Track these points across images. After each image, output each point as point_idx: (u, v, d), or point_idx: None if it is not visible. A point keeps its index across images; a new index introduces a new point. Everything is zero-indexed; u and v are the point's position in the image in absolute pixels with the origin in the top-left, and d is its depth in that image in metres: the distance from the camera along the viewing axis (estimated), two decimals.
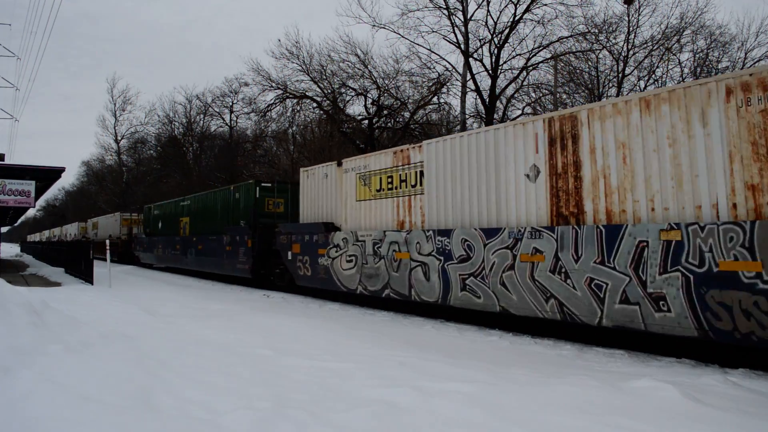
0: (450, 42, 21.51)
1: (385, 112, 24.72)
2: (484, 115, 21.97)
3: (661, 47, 21.32)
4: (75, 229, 47.28)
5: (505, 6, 20.64)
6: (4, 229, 61.65)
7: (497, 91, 21.62)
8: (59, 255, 24.51)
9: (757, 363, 6.20)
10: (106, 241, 17.29)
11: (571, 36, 20.68)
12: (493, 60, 21.33)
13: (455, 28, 21.16)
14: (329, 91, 24.45)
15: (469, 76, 20.91)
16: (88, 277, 15.82)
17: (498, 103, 22.30)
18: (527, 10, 19.97)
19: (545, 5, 19.97)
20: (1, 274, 17.60)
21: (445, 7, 20.98)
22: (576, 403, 4.12)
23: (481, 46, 21.64)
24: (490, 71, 21.40)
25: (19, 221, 59.14)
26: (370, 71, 23.86)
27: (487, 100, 21.45)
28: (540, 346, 7.42)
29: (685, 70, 22.13)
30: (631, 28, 21.24)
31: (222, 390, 4.40)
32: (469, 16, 20.99)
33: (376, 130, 25.36)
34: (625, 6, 20.55)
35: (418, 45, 25.06)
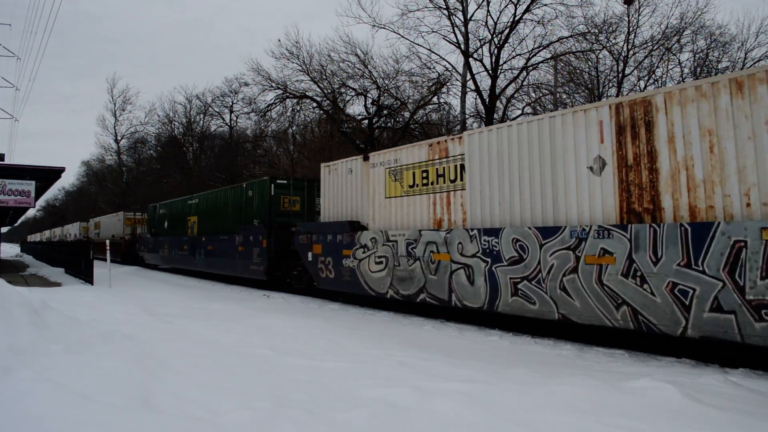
0: (450, 42, 21.53)
1: (385, 112, 24.73)
2: (484, 115, 21.97)
3: (661, 47, 21.33)
4: (76, 229, 46.53)
5: (505, 6, 20.69)
6: (4, 230, 61.70)
7: (497, 91, 21.62)
8: (59, 255, 24.52)
9: (757, 363, 6.20)
10: (106, 242, 17.29)
11: (571, 36, 20.69)
12: (493, 60, 21.35)
13: (455, 28, 21.18)
14: (329, 91, 24.46)
15: (469, 76, 20.92)
16: (88, 277, 15.84)
17: (498, 103, 22.31)
18: (527, 10, 19.98)
19: (545, 5, 19.99)
20: (1, 274, 17.60)
21: (445, 7, 21.00)
22: (576, 403, 4.12)
23: (481, 46, 21.66)
24: (490, 71, 21.41)
25: (19, 221, 59.16)
26: (370, 71, 23.88)
27: (487, 100, 21.45)
28: (540, 346, 7.42)
29: (685, 70, 22.16)
30: (631, 28, 21.26)
31: (222, 390, 4.40)
32: (469, 16, 21.00)
33: (376, 130, 25.36)
34: (625, 6, 20.56)
35: (418, 45, 25.15)
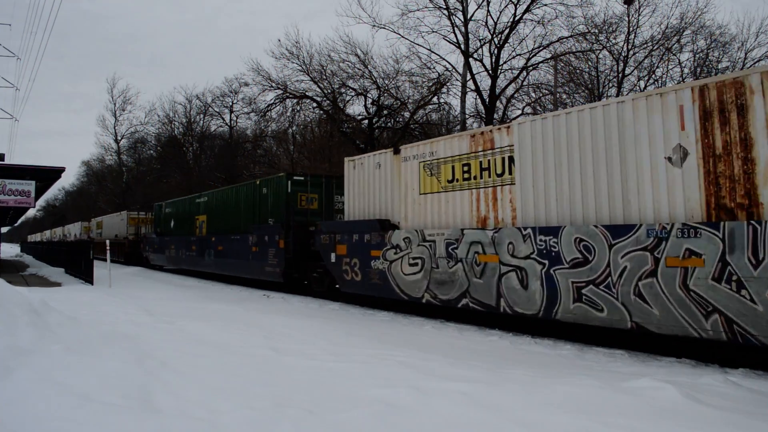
0: (450, 42, 21.52)
1: (385, 112, 24.71)
2: (484, 115, 21.98)
3: (661, 47, 21.32)
4: (78, 229, 45.63)
5: (505, 6, 20.65)
6: (4, 230, 61.71)
7: (497, 91, 21.61)
8: (59, 255, 24.54)
9: (757, 363, 6.20)
10: (106, 242, 17.30)
11: (571, 36, 20.68)
12: (493, 60, 21.34)
13: (455, 28, 21.17)
14: (329, 91, 24.45)
15: (469, 76, 20.91)
16: (88, 277, 15.84)
17: (498, 103, 22.31)
18: (527, 11, 19.98)
19: (545, 5, 19.98)
20: (1, 274, 17.60)
21: (445, 7, 20.99)
22: (576, 403, 4.13)
23: (481, 46, 21.66)
24: (490, 71, 21.40)
25: (19, 221, 59.18)
26: (370, 71, 23.86)
27: (487, 100, 21.45)
28: (540, 346, 7.42)
29: (685, 70, 22.16)
30: (631, 28, 21.25)
31: (222, 390, 4.40)
32: (469, 17, 20.99)
33: (376, 130, 25.37)
34: (625, 6, 20.56)
35: (418, 45, 25.10)
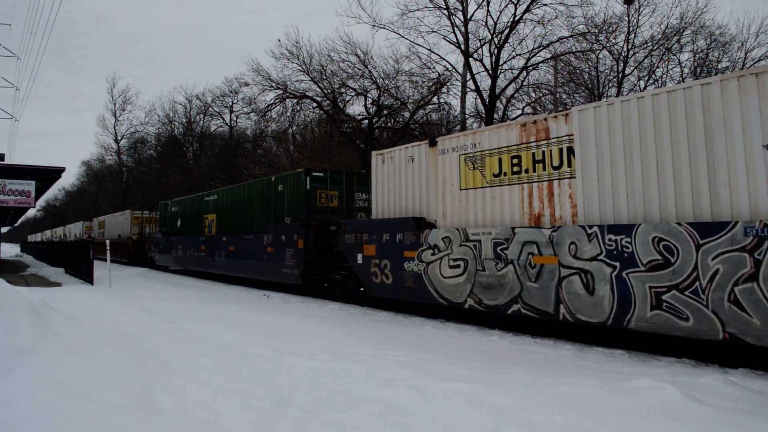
0: (450, 42, 21.53)
1: (385, 112, 24.72)
2: (484, 115, 21.98)
3: (661, 47, 21.33)
4: (79, 229, 44.95)
5: (505, 6, 20.66)
6: (5, 230, 61.71)
7: (497, 91, 21.62)
8: (59, 255, 24.54)
9: (757, 363, 6.20)
10: (106, 242, 17.32)
11: (571, 36, 20.69)
12: (493, 60, 21.35)
13: (455, 28, 21.18)
14: (329, 91, 24.46)
15: (469, 76, 20.92)
16: (88, 277, 15.85)
17: (498, 103, 22.31)
18: (527, 10, 19.98)
19: (545, 5, 19.99)
20: (1, 274, 17.60)
21: (445, 7, 21.00)
22: (576, 403, 4.13)
23: (481, 46, 21.66)
24: (490, 71, 21.41)
25: (19, 221, 59.19)
26: (370, 71, 23.87)
27: (487, 100, 21.45)
28: (540, 346, 7.42)
29: (685, 70, 22.16)
30: (631, 28, 21.25)
31: (222, 390, 4.40)
32: (469, 16, 21.00)
33: (376, 130, 25.38)
34: (625, 6, 20.56)
35: (418, 45, 25.11)
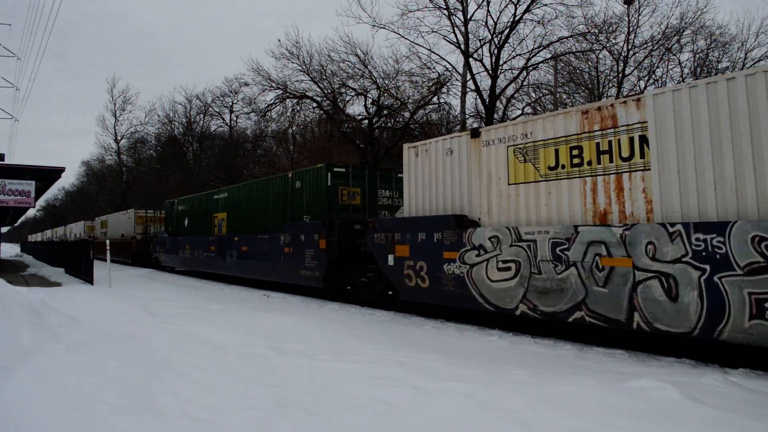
0: (450, 42, 21.51)
1: (385, 112, 24.72)
2: (484, 115, 21.98)
3: (661, 47, 21.33)
4: (80, 229, 44.15)
5: (505, 6, 20.64)
6: (4, 230, 61.70)
7: (497, 91, 21.61)
8: (59, 255, 24.54)
9: (757, 363, 6.21)
10: (106, 241, 17.32)
11: (571, 36, 20.68)
12: (493, 60, 21.34)
13: (455, 28, 21.17)
14: (329, 91, 24.46)
15: (469, 76, 20.91)
16: (88, 277, 15.84)
17: (498, 103, 22.31)
18: (527, 11, 19.97)
19: (545, 5, 19.98)
20: (1, 274, 17.60)
21: (445, 7, 20.99)
22: (576, 404, 4.13)
23: (481, 46, 21.65)
24: (490, 71, 21.40)
25: (19, 221, 59.19)
26: (370, 71, 23.86)
27: (487, 100, 21.45)
28: (540, 346, 7.42)
29: (685, 71, 22.16)
30: (631, 28, 21.25)
31: (222, 390, 4.40)
32: (469, 16, 20.99)
33: (376, 130, 25.38)
34: (625, 6, 20.57)
35: (418, 45, 25.13)
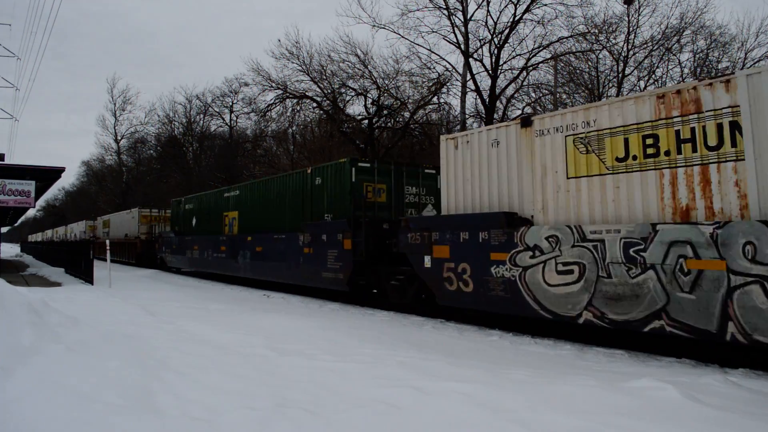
0: (450, 42, 21.55)
1: (385, 112, 24.73)
2: (484, 115, 21.98)
3: (661, 47, 21.34)
4: (82, 228, 43.18)
5: (505, 6, 20.70)
6: (4, 230, 61.69)
7: (497, 91, 21.63)
8: (59, 255, 24.54)
9: (757, 363, 6.20)
10: (106, 242, 17.32)
11: (571, 36, 20.71)
12: (493, 60, 21.36)
13: (455, 28, 21.20)
14: (329, 91, 24.47)
15: (469, 76, 20.93)
16: (88, 277, 15.84)
17: (498, 103, 22.32)
18: (527, 11, 19.99)
19: (545, 5, 20.02)
20: (1, 274, 17.59)
21: (445, 7, 21.01)
22: (576, 403, 4.12)
23: (481, 46, 21.68)
24: (490, 71, 21.41)
25: (19, 221, 59.15)
26: (370, 71, 23.89)
27: (487, 100, 21.45)
28: (540, 346, 7.42)
29: (685, 71, 22.17)
30: (631, 29, 21.27)
31: (222, 390, 4.40)
32: (469, 17, 21.01)
33: (376, 130, 25.38)
34: (625, 6, 20.58)
35: (418, 45, 25.19)
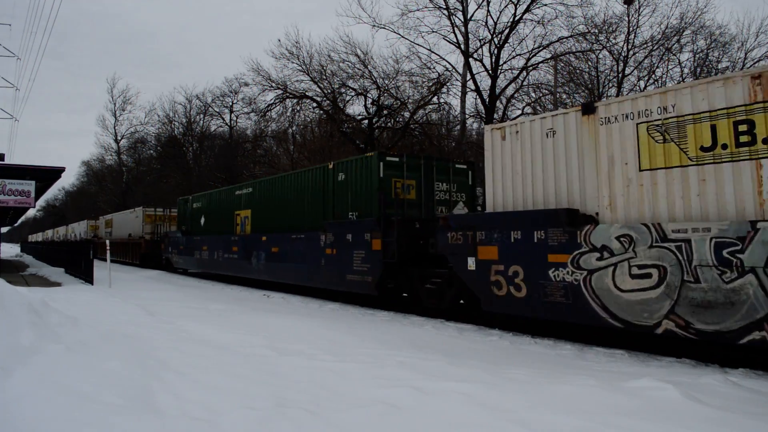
0: (450, 42, 21.56)
1: (385, 112, 24.73)
2: (484, 115, 21.98)
3: (661, 47, 21.33)
4: (83, 228, 42.55)
5: (505, 6, 20.69)
6: (4, 230, 61.71)
7: (497, 91, 21.62)
8: (59, 255, 24.54)
9: (757, 363, 6.20)
10: (106, 242, 17.33)
11: (571, 36, 20.71)
12: (493, 60, 21.36)
13: (455, 28, 21.20)
14: (329, 91, 24.47)
15: (469, 76, 20.95)
16: (88, 277, 15.84)
17: (498, 103, 22.31)
18: (527, 11, 20.00)
19: (545, 5, 20.02)
20: (1, 274, 17.59)
21: (445, 7, 21.02)
22: (576, 403, 4.12)
23: (481, 46, 21.68)
24: (490, 71, 21.41)
25: (19, 221, 59.18)
26: (370, 71, 23.88)
27: (487, 100, 21.45)
28: (540, 346, 7.42)
29: (685, 71, 22.15)
30: (631, 28, 21.24)
31: (222, 390, 4.40)
32: (469, 16, 21.03)
33: (376, 130, 25.38)
34: (625, 6, 20.57)
35: (418, 45, 25.19)
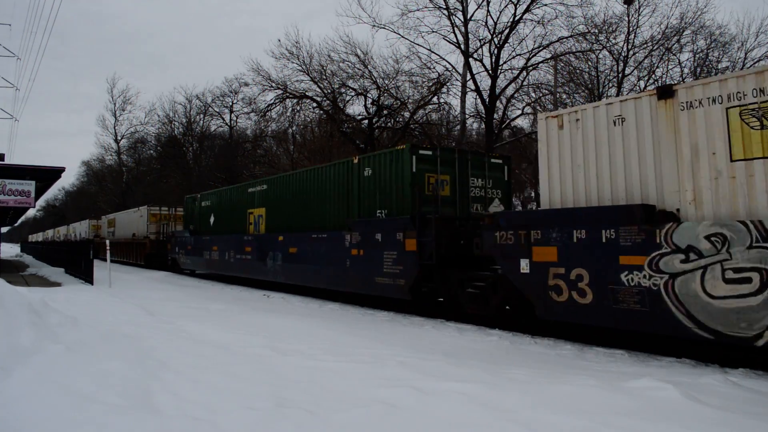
0: (450, 42, 21.54)
1: (385, 112, 24.73)
2: (484, 115, 21.98)
3: (661, 47, 21.33)
4: (85, 228, 41.68)
5: (505, 6, 20.65)
6: (4, 230, 61.69)
7: (497, 91, 21.61)
8: (59, 255, 24.55)
9: (757, 363, 6.21)
10: (106, 242, 17.33)
11: (571, 36, 20.69)
12: (493, 60, 21.34)
13: (455, 28, 21.19)
14: (329, 91, 24.46)
15: (469, 76, 20.93)
16: (88, 277, 15.83)
17: (498, 103, 22.31)
18: (527, 11, 19.98)
19: (545, 5, 19.99)
20: (1, 274, 17.59)
21: (445, 7, 21.00)
22: (576, 403, 4.12)
23: (481, 46, 21.67)
24: (490, 71, 21.39)
25: (19, 221, 59.19)
26: (370, 71, 23.87)
27: (487, 100, 21.44)
28: (540, 346, 7.42)
29: (685, 70, 22.16)
30: (631, 28, 21.23)
31: (222, 390, 4.40)
32: (469, 16, 21.01)
33: (376, 130, 25.38)
34: (625, 6, 20.56)
35: (418, 45, 25.15)
